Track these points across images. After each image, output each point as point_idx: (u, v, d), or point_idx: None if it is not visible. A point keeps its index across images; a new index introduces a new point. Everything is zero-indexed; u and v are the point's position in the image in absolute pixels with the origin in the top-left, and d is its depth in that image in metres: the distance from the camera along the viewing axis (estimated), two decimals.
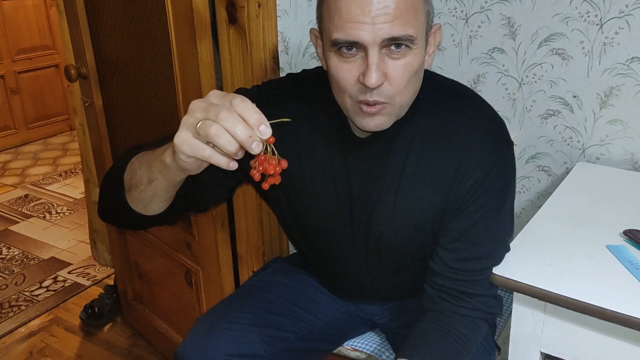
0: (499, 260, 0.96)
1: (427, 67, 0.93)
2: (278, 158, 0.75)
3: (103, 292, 2.22)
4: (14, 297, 2.33)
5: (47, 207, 3.12)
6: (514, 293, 0.96)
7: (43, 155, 3.86)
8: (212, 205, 1.10)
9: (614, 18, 1.20)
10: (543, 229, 1.05)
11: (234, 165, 0.73)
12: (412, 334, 0.98)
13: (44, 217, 3.01)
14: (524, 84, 1.35)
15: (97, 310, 2.14)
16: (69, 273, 2.49)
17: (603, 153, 1.30)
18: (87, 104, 1.82)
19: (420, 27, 0.85)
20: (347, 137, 0.99)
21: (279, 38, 1.30)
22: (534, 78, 1.33)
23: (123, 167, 0.92)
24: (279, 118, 0.75)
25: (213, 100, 0.73)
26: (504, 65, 1.36)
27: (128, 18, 1.50)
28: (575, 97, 1.29)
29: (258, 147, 0.70)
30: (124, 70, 1.61)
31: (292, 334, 1.13)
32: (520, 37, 1.31)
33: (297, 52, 1.37)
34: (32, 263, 2.57)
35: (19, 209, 3.10)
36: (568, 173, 1.27)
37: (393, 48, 0.83)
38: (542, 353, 1.00)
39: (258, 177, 0.75)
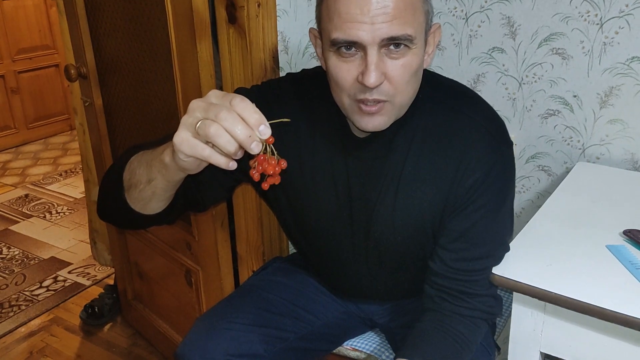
0: (499, 260, 0.96)
1: (426, 66, 0.93)
2: (277, 158, 0.74)
3: (103, 291, 2.22)
4: (14, 296, 2.33)
5: (47, 206, 3.13)
6: (514, 293, 0.96)
7: (43, 155, 3.87)
8: (211, 205, 1.10)
9: (614, 18, 1.20)
10: (543, 229, 1.05)
11: (233, 165, 0.73)
12: (411, 334, 0.98)
13: (44, 216, 3.01)
14: (524, 84, 1.35)
15: (97, 310, 2.14)
16: (69, 273, 2.49)
17: (603, 153, 1.30)
18: (87, 104, 1.82)
19: (419, 26, 0.85)
20: (346, 137, 0.99)
21: (279, 38, 1.30)
22: (534, 78, 1.33)
23: (122, 166, 0.92)
24: (279, 118, 0.75)
25: (213, 100, 0.72)
26: (504, 65, 1.36)
27: (128, 18, 1.50)
28: (575, 96, 1.29)
29: (257, 147, 0.70)
30: (124, 70, 1.61)
31: (292, 334, 1.13)
32: (520, 36, 1.31)
33: (296, 51, 1.37)
34: (32, 263, 2.58)
35: (19, 209, 3.10)
36: (568, 173, 1.27)
37: (392, 48, 0.83)
38: (541, 353, 1.00)
39: (257, 177, 0.75)
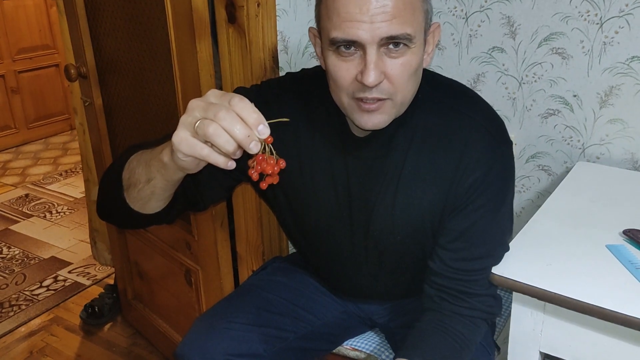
0: (499, 260, 0.96)
1: (426, 66, 0.93)
2: (276, 158, 0.74)
3: (103, 291, 2.22)
4: (15, 296, 2.33)
5: (47, 206, 3.13)
6: (514, 293, 0.96)
7: (43, 155, 3.87)
8: (210, 204, 1.10)
9: (614, 17, 1.20)
10: (543, 229, 1.05)
11: (232, 165, 0.73)
12: (411, 334, 0.98)
13: (45, 216, 3.01)
14: (524, 83, 1.34)
15: (97, 310, 2.14)
16: (69, 272, 2.49)
17: (603, 152, 1.30)
18: (87, 104, 1.82)
19: (419, 25, 0.85)
20: (346, 136, 0.99)
21: (279, 37, 1.30)
22: (534, 77, 1.33)
23: (122, 165, 0.92)
24: (278, 117, 0.75)
25: (212, 100, 0.72)
26: (504, 65, 1.36)
27: (128, 18, 1.50)
28: (575, 96, 1.29)
29: (256, 146, 0.70)
30: (124, 70, 1.61)
31: (291, 334, 1.13)
32: (520, 36, 1.31)
33: (296, 51, 1.37)
34: (32, 262, 2.58)
35: (20, 209, 3.10)
36: (568, 172, 1.27)
37: (391, 47, 0.83)
38: (541, 353, 1.00)
39: (256, 176, 0.75)
